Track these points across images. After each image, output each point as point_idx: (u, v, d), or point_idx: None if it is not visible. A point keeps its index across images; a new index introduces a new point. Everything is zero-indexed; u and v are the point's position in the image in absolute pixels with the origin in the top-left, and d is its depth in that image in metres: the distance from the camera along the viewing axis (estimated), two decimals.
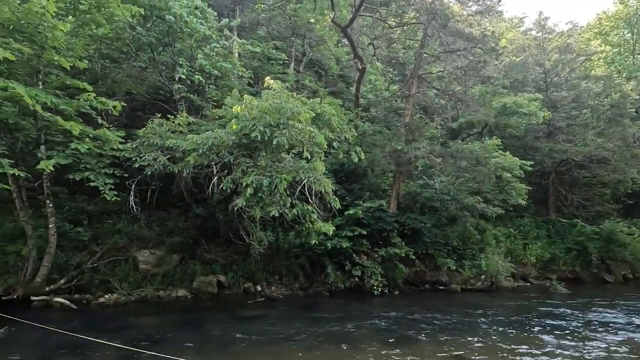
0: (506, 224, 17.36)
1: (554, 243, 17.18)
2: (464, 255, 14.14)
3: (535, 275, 15.81)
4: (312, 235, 9.07)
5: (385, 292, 12.03)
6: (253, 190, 7.42)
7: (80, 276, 10.09)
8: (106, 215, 11.66)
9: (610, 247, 16.54)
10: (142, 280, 10.81)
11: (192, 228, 12.34)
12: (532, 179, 18.20)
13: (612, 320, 9.16)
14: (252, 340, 7.06)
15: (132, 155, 9.29)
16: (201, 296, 10.95)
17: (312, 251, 12.21)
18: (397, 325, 8.34)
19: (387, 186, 15.63)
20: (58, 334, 7.07)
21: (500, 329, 8.12)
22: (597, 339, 7.35)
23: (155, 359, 5.45)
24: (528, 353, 6.42)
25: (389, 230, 13.15)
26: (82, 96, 8.49)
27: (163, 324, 8.25)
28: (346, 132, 10.04)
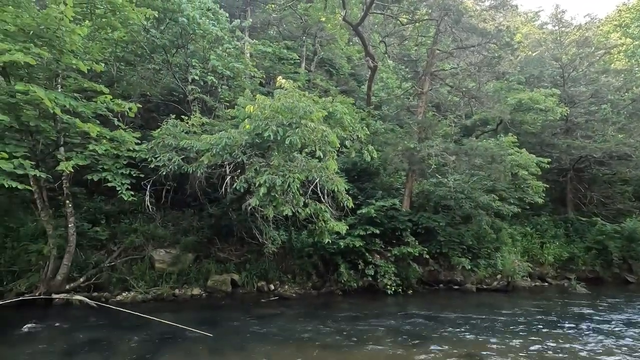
0: (522, 223, 17.02)
1: (573, 242, 16.76)
2: (479, 254, 13.91)
3: (554, 275, 15.46)
4: (325, 234, 9.07)
5: (398, 291, 11.93)
6: (266, 190, 7.46)
7: (98, 274, 10.34)
8: (123, 215, 11.91)
9: (632, 246, 16.02)
10: (158, 278, 11.01)
11: (206, 227, 12.49)
12: (549, 176, 17.79)
13: (635, 320, 8.88)
14: (267, 337, 7.10)
15: (147, 155, 9.45)
16: (216, 295, 11.08)
17: (324, 250, 12.21)
18: (411, 325, 8.27)
19: (399, 185, 15.50)
20: (81, 330, 7.28)
21: (516, 330, 7.96)
22: (616, 341, 7.14)
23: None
24: (544, 354, 6.27)
25: (402, 229, 13.04)
26: (99, 98, 8.67)
27: (179, 321, 8.36)
28: (358, 131, 10.00)
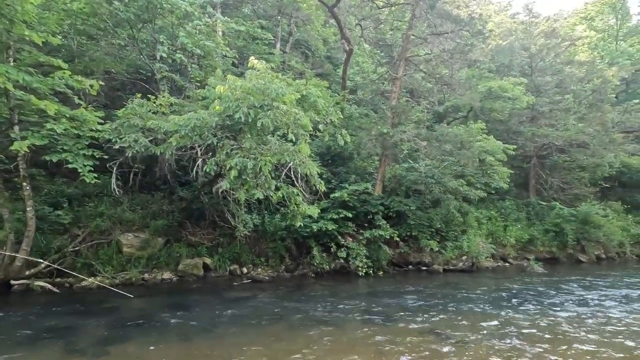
0: (488, 207, 17.79)
1: (533, 225, 17.74)
2: (446, 237, 14.49)
3: (514, 256, 16.35)
4: (297, 218, 9.11)
5: (370, 273, 12.28)
6: (237, 173, 7.35)
7: (61, 260, 9.94)
8: (87, 198, 11.42)
9: (585, 229, 17.18)
10: (126, 263, 10.74)
11: (176, 211, 12.23)
12: (514, 162, 18.61)
13: (583, 296, 9.61)
14: (238, 320, 7.15)
15: (111, 136, 9.04)
16: (187, 278, 10.97)
17: (297, 233, 12.31)
18: (381, 305, 8.56)
19: (372, 169, 15.72)
20: (42, 317, 7.03)
21: (478, 307, 8.43)
22: (568, 314, 7.73)
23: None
24: (502, 328, 6.70)
25: (374, 213, 13.32)
26: (57, 74, 8.13)
27: (150, 307, 8.26)
28: (332, 115, 9.97)
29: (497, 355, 5.41)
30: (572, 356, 5.41)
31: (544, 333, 6.49)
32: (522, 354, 5.45)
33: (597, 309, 8.29)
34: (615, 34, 30.38)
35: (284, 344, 5.90)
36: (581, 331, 6.62)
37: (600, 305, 8.66)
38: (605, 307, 8.54)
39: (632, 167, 20.55)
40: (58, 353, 5.28)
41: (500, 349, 5.63)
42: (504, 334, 6.39)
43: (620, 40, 29.78)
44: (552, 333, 6.51)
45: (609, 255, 17.92)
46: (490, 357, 5.33)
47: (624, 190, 21.62)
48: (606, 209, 18.75)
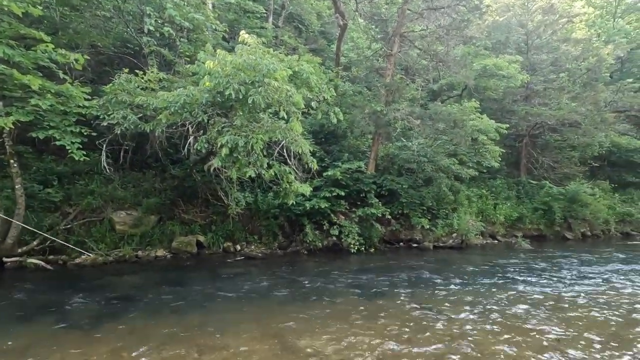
0: (479, 185, 18.00)
1: (523, 203, 18.05)
2: (437, 214, 14.71)
3: (503, 233, 16.71)
4: (290, 196, 9.14)
5: (361, 250, 12.50)
6: (228, 151, 7.29)
7: (54, 237, 9.94)
8: (77, 176, 11.31)
9: (573, 207, 17.55)
10: (119, 241, 10.79)
11: (168, 189, 12.19)
12: (506, 142, 18.71)
13: (566, 271, 9.95)
14: (232, 295, 7.30)
15: (99, 112, 8.84)
16: (181, 256, 11.08)
17: (290, 211, 12.40)
18: (373, 281, 8.78)
19: (366, 148, 15.70)
20: (36, 294, 7.10)
21: (467, 282, 8.70)
22: (551, 287, 8.02)
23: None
24: (489, 303, 6.95)
25: (366, 191, 13.42)
26: (39, 47, 7.84)
27: (143, 283, 8.37)
28: (325, 92, 9.82)
29: (485, 329, 5.63)
30: (556, 325, 5.65)
31: (530, 307, 6.74)
32: (510, 328, 5.68)
33: (579, 284, 8.60)
34: (614, 11, 29.95)
35: (277, 317, 6.06)
36: (565, 304, 6.90)
37: (582, 280, 8.98)
38: (586, 281, 8.86)
39: (622, 147, 20.80)
40: (53, 328, 5.37)
41: (487, 323, 5.85)
42: (491, 309, 6.62)
43: (617, 17, 29.38)
44: (538, 307, 6.77)
45: (594, 233, 18.41)
46: (478, 331, 5.55)
47: (612, 169, 21.98)
48: (594, 187, 19.10)
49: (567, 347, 4.89)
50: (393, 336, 5.26)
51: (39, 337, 5.01)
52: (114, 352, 4.57)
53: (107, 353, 4.56)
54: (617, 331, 5.52)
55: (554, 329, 5.60)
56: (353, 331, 5.42)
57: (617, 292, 7.84)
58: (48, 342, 4.88)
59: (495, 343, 5.02)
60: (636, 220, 19.73)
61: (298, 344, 5.01)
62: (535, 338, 5.23)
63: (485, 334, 5.35)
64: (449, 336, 5.26)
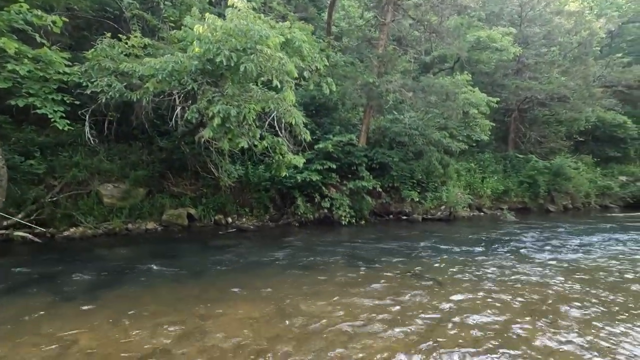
0: (468, 159, 18.25)
1: (509, 177, 18.45)
2: (427, 187, 14.94)
3: (489, 206, 17.16)
4: (283, 168, 9.07)
5: (352, 222, 12.67)
6: (220, 121, 7.09)
7: (40, 210, 9.71)
8: (61, 147, 10.91)
9: (557, 180, 18.05)
10: (108, 213, 10.62)
11: (156, 161, 11.93)
12: (496, 116, 18.82)
13: (547, 241, 10.34)
14: (225, 266, 7.34)
15: (82, 80, 8.41)
16: (172, 228, 11.02)
17: (282, 184, 12.37)
18: (364, 251, 8.95)
19: (357, 121, 15.57)
20: (26, 266, 6.98)
21: (454, 251, 8.96)
22: (532, 257, 8.35)
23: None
24: (477, 270, 7.19)
25: (357, 164, 13.43)
26: (12, 8, 7.29)
27: (136, 255, 8.33)
28: (317, 62, 9.55)
29: (474, 294, 5.84)
30: (536, 293, 5.92)
31: (513, 274, 7.01)
32: (497, 293, 5.91)
33: (560, 253, 8.96)
34: None
35: (272, 286, 6.15)
36: (546, 270, 7.19)
37: (562, 249, 9.36)
38: (566, 250, 9.24)
39: (606, 122, 21.21)
40: (47, 299, 5.32)
41: (476, 289, 6.07)
42: (479, 275, 6.86)
43: None
44: (520, 273, 7.04)
45: (575, 205, 19.08)
46: (467, 296, 5.75)
47: (596, 144, 22.51)
48: (578, 162, 19.63)
49: (559, 304, 5.14)
50: (387, 301, 5.42)
51: (33, 307, 4.96)
52: (113, 321, 4.58)
53: (106, 322, 4.56)
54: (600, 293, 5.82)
55: (535, 296, 5.87)
56: (347, 297, 5.56)
57: (598, 259, 8.21)
58: (43, 313, 4.85)
59: (486, 307, 5.23)
60: (615, 194, 20.49)
61: (295, 308, 5.12)
62: (521, 302, 5.47)
63: (475, 299, 5.56)
64: (442, 299, 5.45)
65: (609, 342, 4.30)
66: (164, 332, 4.33)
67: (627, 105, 23.16)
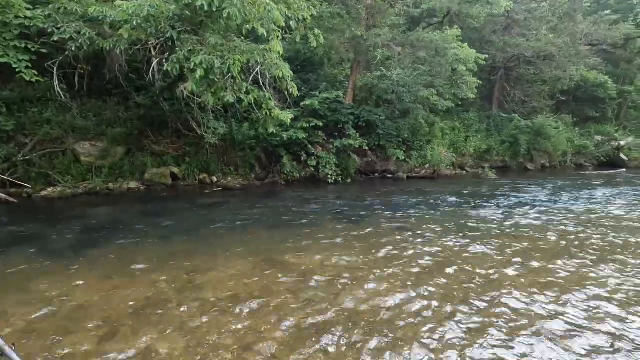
0: (452, 118, 18.28)
1: (492, 136, 18.70)
2: (412, 146, 15.01)
3: (471, 165, 17.50)
4: (269, 124, 8.80)
5: (338, 180, 12.72)
6: (204, 72, 6.68)
7: (12, 169, 9.25)
8: (28, 102, 10.19)
9: (537, 140, 18.44)
10: (86, 173, 10.25)
11: (134, 119, 11.38)
12: (482, 74, 18.62)
13: (524, 197, 10.76)
14: (213, 224, 7.29)
15: (46, 25, 7.65)
16: (155, 187, 10.78)
17: (267, 142, 12.14)
18: (349, 208, 9.06)
19: (343, 77, 15.16)
20: (7, 225, 6.73)
21: (438, 207, 9.20)
22: (512, 210, 8.69)
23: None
24: (454, 222, 7.44)
25: (344, 122, 13.24)
26: None
27: (119, 214, 8.15)
28: (304, 11, 8.98)
29: (456, 247, 6.06)
30: (517, 242, 6.20)
31: (493, 226, 7.29)
32: (480, 244, 6.15)
33: (537, 207, 9.34)
34: None
35: (261, 241, 6.19)
36: (525, 222, 7.52)
37: (538, 203, 9.76)
38: (542, 204, 9.64)
39: (589, 81, 21.41)
40: (35, 257, 5.18)
41: (457, 243, 6.29)
42: (461, 227, 7.10)
43: None
44: (498, 225, 7.33)
45: (552, 164, 19.70)
46: (448, 249, 5.96)
47: (577, 104, 22.86)
48: (558, 121, 19.99)
49: (528, 256, 5.42)
50: (375, 254, 5.57)
51: (17, 266, 4.82)
52: (104, 277, 4.53)
53: (95, 278, 4.50)
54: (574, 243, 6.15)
55: (518, 244, 6.15)
56: (337, 250, 5.67)
57: (575, 211, 8.63)
58: (29, 271, 4.73)
59: (468, 257, 5.46)
60: (590, 153, 21.21)
61: (285, 262, 5.19)
62: (500, 253, 5.73)
63: (459, 249, 5.78)
64: (427, 252, 5.64)
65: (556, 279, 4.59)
66: (156, 286, 4.33)
67: (609, 65, 23.36)
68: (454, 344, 3.29)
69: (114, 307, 3.79)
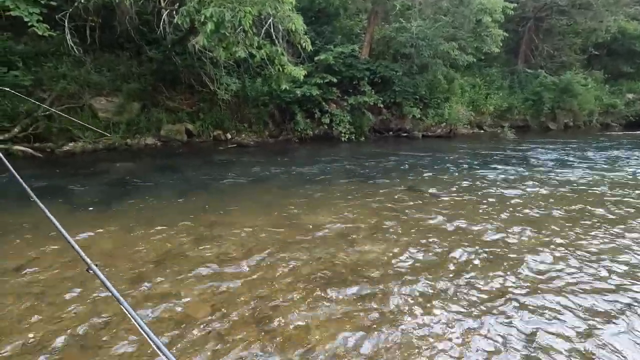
0: (474, 74, 17.45)
1: (514, 93, 17.89)
2: (429, 104, 14.56)
3: (490, 124, 16.98)
4: (282, 80, 8.65)
5: (352, 138, 12.64)
6: (214, 26, 6.50)
7: (35, 124, 9.52)
8: (43, 57, 10.23)
9: (563, 97, 17.55)
10: (105, 128, 10.46)
11: (147, 73, 11.34)
12: (509, 25, 17.39)
13: (540, 158, 10.51)
14: (228, 180, 7.50)
15: None
16: (171, 144, 11.00)
17: (280, 99, 12.00)
18: (364, 166, 9.09)
19: (360, 30, 14.44)
20: (32, 179, 7.10)
21: (449, 165, 9.14)
22: (525, 174, 8.56)
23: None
24: (469, 183, 7.42)
25: (359, 78, 12.86)
26: None
27: (139, 169, 8.45)
28: None
29: (468, 208, 6.10)
30: (526, 206, 6.20)
31: (506, 188, 7.25)
32: (491, 205, 6.18)
33: (551, 169, 9.15)
34: None
35: (277, 198, 6.37)
36: (535, 186, 7.44)
37: (555, 166, 9.54)
38: (560, 167, 9.43)
39: (627, 33, 19.75)
40: (61, 209, 5.51)
41: (470, 202, 6.32)
42: (477, 187, 7.10)
43: None
44: (513, 187, 7.28)
45: (576, 124, 18.90)
46: (460, 210, 6.01)
47: (611, 58, 21.33)
48: (587, 77, 18.83)
49: (539, 223, 5.45)
50: (388, 213, 5.69)
51: (44, 216, 5.16)
52: (128, 228, 4.82)
53: (120, 228, 4.80)
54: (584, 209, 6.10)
55: (533, 207, 6.14)
56: (350, 209, 5.80)
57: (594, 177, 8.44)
58: (58, 220, 5.07)
59: (484, 217, 5.52)
60: (618, 112, 20.15)
61: (298, 218, 5.38)
62: (512, 214, 5.75)
63: (474, 210, 5.83)
64: (440, 212, 5.72)
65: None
66: (177, 237, 4.60)
67: None
68: (458, 299, 3.46)
69: (138, 256, 4.09)
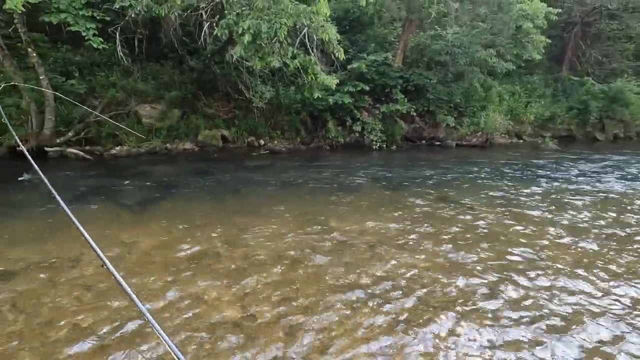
0: (513, 82, 16.81)
1: (558, 102, 17.01)
2: (464, 112, 14.18)
3: (530, 133, 16.23)
4: (314, 89, 8.81)
5: (383, 147, 12.56)
6: (251, 37, 6.78)
7: (87, 129, 10.30)
8: (96, 67, 11.10)
9: (612, 107, 16.46)
10: (148, 133, 11.11)
11: (188, 82, 11.94)
12: (552, 31, 16.64)
13: (583, 171, 9.89)
14: (261, 183, 7.73)
15: None
16: (207, 149, 11.47)
17: (313, 107, 12.18)
18: (395, 175, 9.02)
19: (394, 38, 14.40)
20: (82, 180, 7.69)
21: (483, 176, 8.83)
22: (569, 186, 8.10)
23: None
24: (503, 196, 7.14)
25: (392, 86, 12.80)
26: None
27: (177, 172, 8.89)
28: None
29: (503, 218, 5.89)
30: (565, 219, 5.88)
31: (541, 202, 6.91)
32: (527, 220, 5.93)
33: (597, 183, 8.59)
34: None
35: (305, 204, 6.48)
36: (577, 201, 7.02)
37: (599, 180, 8.95)
38: (605, 181, 8.83)
39: None
40: (107, 207, 5.95)
41: (503, 216, 6.10)
42: (509, 201, 6.83)
43: None
44: (549, 201, 6.93)
45: (627, 135, 17.63)
46: (492, 221, 5.82)
47: None
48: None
49: (579, 233, 5.15)
50: (417, 221, 5.62)
51: (95, 214, 5.60)
52: (165, 229, 5.11)
53: (160, 229, 5.11)
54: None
55: (564, 219, 5.82)
56: (378, 217, 5.79)
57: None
58: (105, 217, 5.48)
59: (511, 228, 5.31)
60: None
61: (327, 224, 5.45)
62: (544, 229, 5.49)
63: (502, 222, 5.63)
64: (470, 223, 5.57)
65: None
66: (210, 239, 4.81)
67: None
68: (485, 315, 3.36)
69: (174, 256, 4.32)
